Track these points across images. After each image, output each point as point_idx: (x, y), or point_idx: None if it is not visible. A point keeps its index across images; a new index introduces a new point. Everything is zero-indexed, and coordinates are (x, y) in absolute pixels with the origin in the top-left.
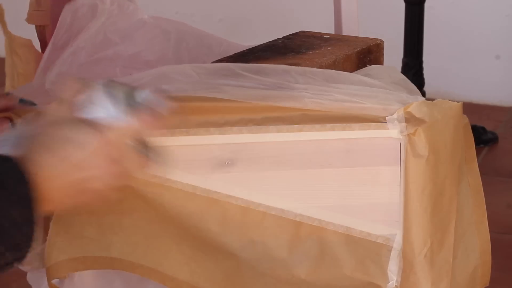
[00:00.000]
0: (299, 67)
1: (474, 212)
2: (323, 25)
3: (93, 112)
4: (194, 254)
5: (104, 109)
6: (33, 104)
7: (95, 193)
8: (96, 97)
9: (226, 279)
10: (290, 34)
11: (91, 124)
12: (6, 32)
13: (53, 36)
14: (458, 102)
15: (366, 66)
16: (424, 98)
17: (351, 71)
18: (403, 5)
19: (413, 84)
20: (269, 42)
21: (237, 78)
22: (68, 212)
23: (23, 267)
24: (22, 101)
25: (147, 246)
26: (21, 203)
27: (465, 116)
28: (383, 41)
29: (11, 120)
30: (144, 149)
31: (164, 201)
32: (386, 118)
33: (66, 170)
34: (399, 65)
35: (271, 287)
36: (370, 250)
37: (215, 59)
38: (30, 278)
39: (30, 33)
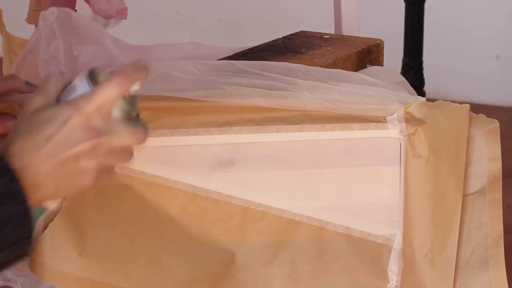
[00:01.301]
0: (302, 65)
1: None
2: (323, 25)
3: (73, 95)
4: (180, 263)
5: (82, 89)
6: None
7: (90, 175)
8: (76, 83)
9: (227, 275)
10: (290, 34)
11: (69, 102)
12: (4, 33)
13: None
14: (458, 102)
15: (366, 66)
16: (424, 99)
17: (351, 71)
18: (403, 5)
19: (412, 88)
20: (269, 42)
21: (239, 75)
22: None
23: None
24: (28, 83)
25: (133, 263)
26: (13, 199)
27: (494, 120)
28: (383, 41)
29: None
30: (132, 118)
31: (164, 201)
32: (386, 118)
33: (51, 150)
34: (399, 65)
35: (267, 286)
36: (370, 250)
37: None
38: (23, 284)
39: (30, 33)
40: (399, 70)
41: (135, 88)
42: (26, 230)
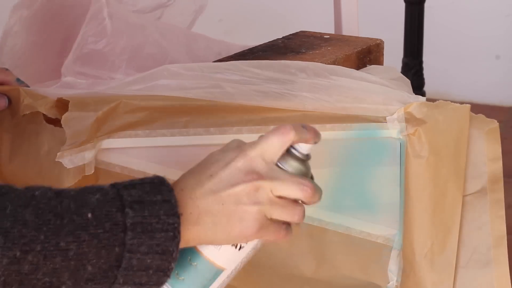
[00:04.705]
0: (301, 62)
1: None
2: (323, 25)
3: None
4: None
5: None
6: (27, 86)
7: (252, 221)
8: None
9: None
10: (290, 34)
11: (239, 145)
12: None
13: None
14: (458, 102)
15: (366, 66)
16: (425, 98)
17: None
18: (403, 5)
19: (410, 85)
20: (269, 42)
21: (238, 73)
22: None
23: None
24: (18, 80)
25: None
26: (167, 231)
27: (494, 120)
28: (383, 41)
29: (8, 98)
30: (299, 166)
31: None
32: (386, 118)
33: (212, 186)
34: (399, 65)
35: (274, 285)
36: (370, 250)
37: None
38: None
39: None
40: (399, 70)
41: (305, 149)
42: (167, 262)
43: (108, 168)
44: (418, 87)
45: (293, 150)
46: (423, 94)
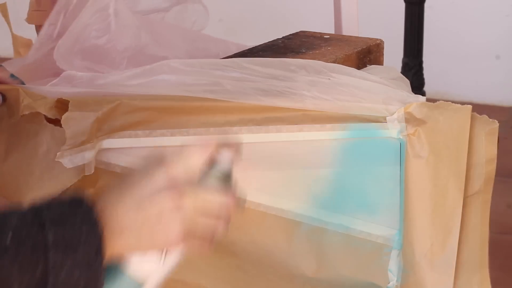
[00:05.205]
0: (301, 59)
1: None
2: (323, 25)
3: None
4: None
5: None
6: (22, 83)
7: (174, 229)
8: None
9: (229, 275)
10: (290, 34)
11: (161, 160)
12: (11, 32)
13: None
14: (458, 102)
15: (366, 66)
16: (425, 98)
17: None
18: (403, 5)
19: (409, 85)
20: (269, 42)
21: (238, 70)
22: None
23: None
24: (12, 76)
25: None
26: (91, 246)
27: (495, 121)
28: (383, 41)
29: (3, 95)
30: (221, 179)
31: None
32: (386, 118)
33: (133, 193)
34: (399, 65)
35: (274, 285)
36: (370, 250)
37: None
38: None
39: (30, 33)
40: (399, 70)
41: (225, 164)
42: (95, 274)
43: (108, 168)
44: (418, 87)
45: (216, 166)
46: (423, 94)
